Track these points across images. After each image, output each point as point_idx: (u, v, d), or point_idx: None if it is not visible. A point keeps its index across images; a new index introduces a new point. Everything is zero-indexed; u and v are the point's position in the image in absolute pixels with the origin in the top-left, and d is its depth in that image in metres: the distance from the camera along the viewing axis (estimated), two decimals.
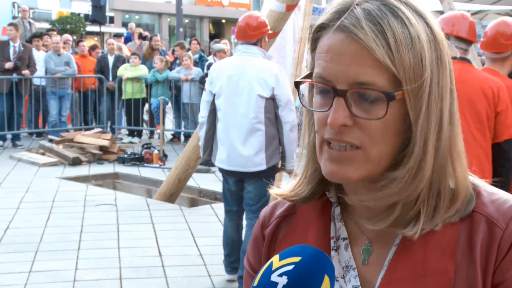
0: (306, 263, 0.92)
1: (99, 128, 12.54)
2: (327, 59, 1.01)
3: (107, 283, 5.23)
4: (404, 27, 0.98)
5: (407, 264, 1.03)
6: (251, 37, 4.90)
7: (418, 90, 0.99)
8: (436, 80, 1.00)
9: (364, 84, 0.98)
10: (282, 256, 0.94)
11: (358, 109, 0.99)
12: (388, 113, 0.98)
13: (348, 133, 1.00)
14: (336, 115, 0.99)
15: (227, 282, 5.28)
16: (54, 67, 12.28)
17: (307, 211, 1.16)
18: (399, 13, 0.99)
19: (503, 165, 3.56)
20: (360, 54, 0.98)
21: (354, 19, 0.98)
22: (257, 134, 4.82)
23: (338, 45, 1.00)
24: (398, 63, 0.97)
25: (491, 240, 1.01)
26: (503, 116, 3.55)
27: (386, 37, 0.97)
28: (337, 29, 1.00)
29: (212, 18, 44.60)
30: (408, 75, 0.98)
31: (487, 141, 3.55)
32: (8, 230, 6.67)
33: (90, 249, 6.07)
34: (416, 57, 0.98)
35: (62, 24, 25.47)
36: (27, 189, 8.50)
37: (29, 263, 5.65)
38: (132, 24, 21.78)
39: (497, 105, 3.55)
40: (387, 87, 0.98)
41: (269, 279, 0.92)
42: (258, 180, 4.88)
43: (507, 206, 1.04)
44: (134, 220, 7.09)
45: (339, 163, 1.01)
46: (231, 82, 4.86)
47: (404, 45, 0.97)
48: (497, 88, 3.56)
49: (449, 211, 1.03)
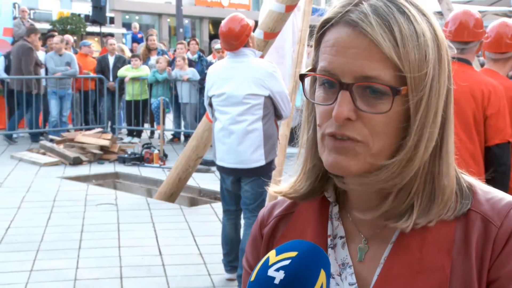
0: (302, 258, 0.93)
1: (100, 128, 12.54)
2: (333, 52, 1.01)
3: (108, 282, 5.24)
4: (410, 23, 0.99)
5: (403, 261, 1.03)
6: (236, 47, 4.88)
7: (420, 85, 1.00)
8: (436, 77, 1.01)
9: (370, 78, 0.98)
10: (279, 251, 0.95)
11: (363, 103, 1.00)
12: (392, 108, 0.99)
13: (351, 128, 1.00)
14: (341, 108, 0.99)
15: (227, 281, 5.29)
16: (54, 67, 12.28)
17: (305, 210, 1.17)
18: (405, 10, 1.00)
19: (496, 169, 3.54)
20: (367, 49, 0.98)
21: (361, 14, 0.99)
22: (254, 132, 4.85)
23: (345, 39, 1.00)
24: (404, 58, 0.98)
25: (486, 238, 1.02)
26: (494, 119, 3.51)
27: (393, 32, 0.98)
28: (344, 24, 1.01)
29: (212, 18, 44.52)
30: (413, 70, 0.99)
31: (475, 143, 3.51)
32: (9, 229, 6.67)
33: (91, 248, 6.08)
34: (421, 53, 0.99)
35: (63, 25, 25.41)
36: (28, 189, 8.51)
37: (30, 262, 5.65)
38: (136, 24, 21.73)
39: (487, 109, 3.51)
40: (393, 82, 0.99)
41: (266, 274, 0.92)
42: (255, 179, 4.91)
43: (502, 205, 1.04)
44: (134, 219, 7.09)
45: (341, 154, 1.01)
46: (226, 84, 4.89)
47: (410, 41, 0.98)
48: (488, 91, 3.51)
49: (443, 208, 1.04)
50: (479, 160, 3.54)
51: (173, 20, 38.08)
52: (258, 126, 4.85)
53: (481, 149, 3.55)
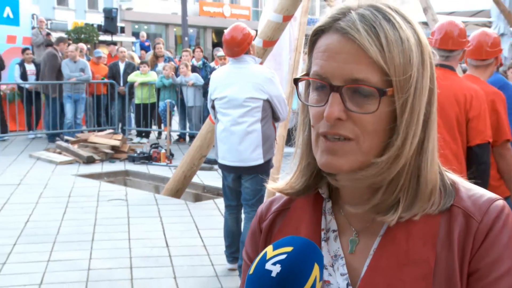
0: (297, 253, 0.93)
1: (111, 130, 12.54)
2: (324, 57, 1.01)
3: (119, 271, 5.24)
4: (395, 30, 0.99)
5: (391, 253, 1.03)
6: (238, 53, 4.89)
7: (405, 87, 1.00)
8: (420, 79, 1.01)
9: (359, 80, 0.99)
10: (276, 246, 0.95)
11: (352, 104, 1.00)
12: (379, 108, 0.99)
13: (342, 127, 1.00)
14: (331, 109, 0.99)
15: (229, 270, 5.29)
16: (69, 73, 12.29)
17: (301, 206, 1.17)
18: (391, 18, 1.00)
19: (477, 167, 3.54)
20: (355, 53, 0.99)
21: (350, 21, 1.00)
22: (253, 133, 4.85)
23: (335, 44, 1.01)
24: (389, 62, 0.98)
25: (468, 232, 1.02)
26: (475, 122, 3.51)
27: (379, 38, 0.98)
28: (334, 31, 1.01)
29: (214, 28, 44.53)
30: (398, 73, 0.99)
31: (458, 143, 3.52)
32: (28, 223, 6.67)
33: (103, 241, 6.08)
34: (405, 57, 0.99)
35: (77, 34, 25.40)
36: (45, 186, 8.50)
37: (47, 253, 5.65)
38: (143, 33, 21.72)
39: (469, 112, 3.51)
40: (379, 84, 0.99)
41: (263, 267, 0.92)
42: (254, 176, 4.91)
43: (482, 201, 1.04)
44: (143, 214, 7.09)
45: (334, 154, 1.02)
46: (228, 88, 4.89)
47: (395, 46, 0.98)
48: (470, 96, 3.51)
49: (427, 203, 1.04)
50: (461, 159, 3.54)
51: (179, 30, 38.10)
52: (257, 127, 4.86)
53: (463, 149, 3.55)
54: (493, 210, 1.03)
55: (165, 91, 12.47)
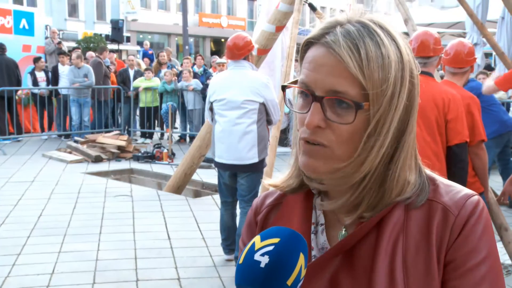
0: (284, 244, 0.92)
1: (117, 131, 12.51)
2: (310, 68, 1.01)
3: (124, 262, 5.22)
4: (378, 47, 0.98)
5: (366, 246, 1.03)
6: (239, 56, 4.90)
7: (379, 101, 0.99)
8: (396, 95, 1.00)
9: (338, 92, 0.98)
10: (263, 237, 0.94)
11: (332, 114, 1.00)
12: (356, 120, 0.99)
13: (320, 134, 1.00)
14: (312, 117, 1.00)
15: (226, 261, 5.28)
16: (73, 78, 12.28)
17: (293, 201, 1.16)
18: (375, 35, 0.99)
19: (455, 165, 3.55)
20: (337, 67, 0.98)
21: (335, 36, 0.99)
22: (249, 134, 4.85)
23: (320, 57, 1.00)
24: (367, 78, 0.97)
25: (445, 225, 1.01)
26: (453, 123, 3.53)
27: (360, 54, 0.97)
28: (321, 44, 1.01)
29: (213, 37, 44.56)
30: (375, 88, 0.98)
31: (438, 144, 3.53)
32: (41, 217, 6.65)
33: (110, 233, 6.07)
34: (384, 74, 0.98)
35: (86, 43, 25.33)
36: (56, 183, 8.48)
37: (58, 245, 5.64)
38: (147, 42, 21.70)
39: (447, 114, 3.53)
40: (357, 97, 0.98)
41: (252, 258, 0.92)
42: (249, 174, 4.91)
43: (459, 196, 1.04)
44: (147, 208, 7.07)
45: (311, 157, 1.02)
46: (226, 91, 4.89)
47: (375, 62, 0.97)
48: (448, 99, 3.53)
49: (397, 198, 1.03)
50: (441, 158, 3.55)
51: (180, 39, 38.09)
52: (253, 128, 4.85)
53: (443, 148, 3.56)
54: (469, 205, 1.02)
55: (167, 95, 12.47)
